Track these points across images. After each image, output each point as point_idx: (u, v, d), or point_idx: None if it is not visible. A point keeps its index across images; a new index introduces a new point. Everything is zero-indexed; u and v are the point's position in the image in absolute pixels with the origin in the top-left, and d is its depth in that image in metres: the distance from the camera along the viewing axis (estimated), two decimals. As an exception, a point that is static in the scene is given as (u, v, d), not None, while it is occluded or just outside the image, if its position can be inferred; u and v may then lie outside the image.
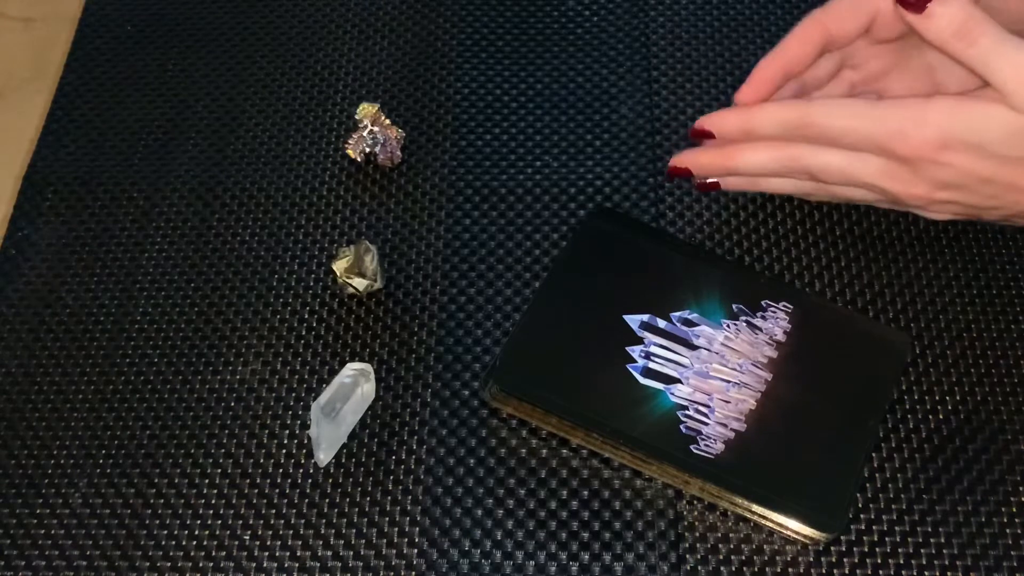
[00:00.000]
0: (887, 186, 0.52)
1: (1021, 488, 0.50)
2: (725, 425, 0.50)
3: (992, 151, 0.49)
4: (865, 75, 0.58)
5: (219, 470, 0.51)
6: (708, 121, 0.55)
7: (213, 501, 0.50)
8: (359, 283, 0.55)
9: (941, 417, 0.52)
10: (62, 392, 0.54)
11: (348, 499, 0.50)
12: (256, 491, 0.51)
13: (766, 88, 0.55)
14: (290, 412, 0.53)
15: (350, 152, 0.61)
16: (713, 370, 0.52)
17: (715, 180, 0.57)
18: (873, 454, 0.51)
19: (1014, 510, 0.50)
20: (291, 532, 0.50)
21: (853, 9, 0.55)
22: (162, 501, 0.51)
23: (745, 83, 0.56)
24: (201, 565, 0.49)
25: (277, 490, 0.51)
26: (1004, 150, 0.49)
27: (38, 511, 0.50)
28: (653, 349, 0.52)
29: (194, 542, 0.49)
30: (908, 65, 0.57)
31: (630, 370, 0.51)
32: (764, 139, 0.54)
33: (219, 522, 0.50)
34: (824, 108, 0.51)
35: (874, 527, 0.50)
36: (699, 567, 0.49)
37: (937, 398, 0.53)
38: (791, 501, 0.49)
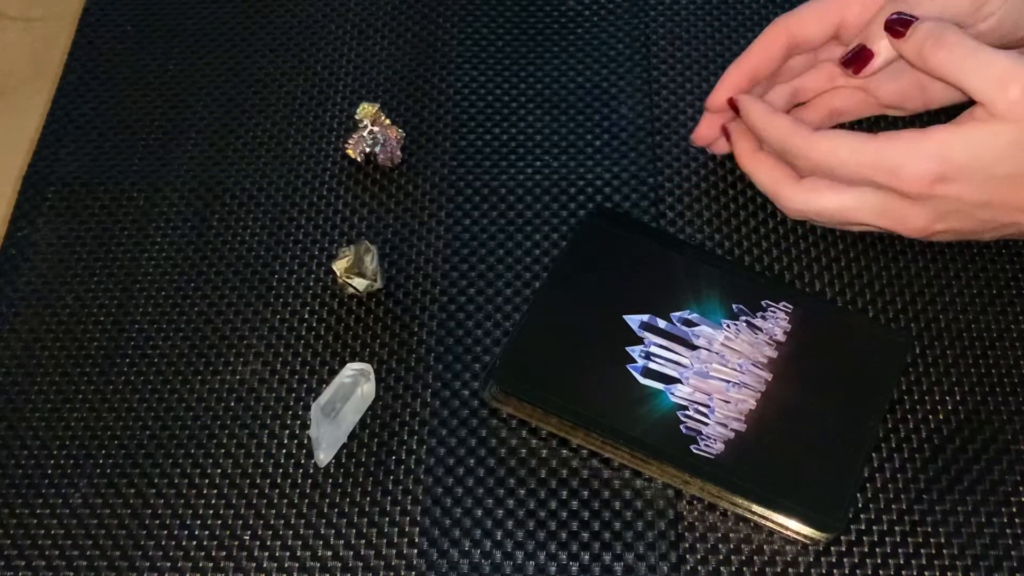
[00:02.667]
0: (885, 224, 0.53)
1: (1021, 488, 0.50)
2: (725, 425, 0.50)
3: (987, 173, 0.49)
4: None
5: (219, 470, 0.51)
6: (741, 99, 0.56)
7: (213, 501, 0.50)
8: (359, 283, 0.55)
9: (941, 417, 0.52)
10: (62, 392, 0.54)
11: (348, 499, 0.50)
12: (256, 491, 0.51)
13: (733, 93, 0.57)
14: (290, 412, 0.53)
15: (350, 152, 0.61)
16: (713, 370, 0.52)
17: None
18: (873, 454, 0.51)
19: (1014, 510, 0.50)
20: (291, 532, 0.50)
21: (818, 17, 0.57)
22: (162, 501, 0.51)
23: (714, 89, 0.58)
24: (201, 565, 0.49)
25: (277, 490, 0.51)
26: (998, 168, 0.49)
27: (38, 511, 0.50)
28: (653, 349, 0.52)
29: (194, 542, 0.49)
30: None
31: (630, 370, 0.51)
32: (770, 146, 0.55)
33: (219, 522, 0.50)
34: (825, 143, 0.52)
35: (874, 527, 0.50)
36: (699, 567, 0.49)
37: (937, 398, 0.53)
38: (791, 501, 0.49)
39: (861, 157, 0.51)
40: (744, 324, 0.53)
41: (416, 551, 0.49)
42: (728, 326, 0.53)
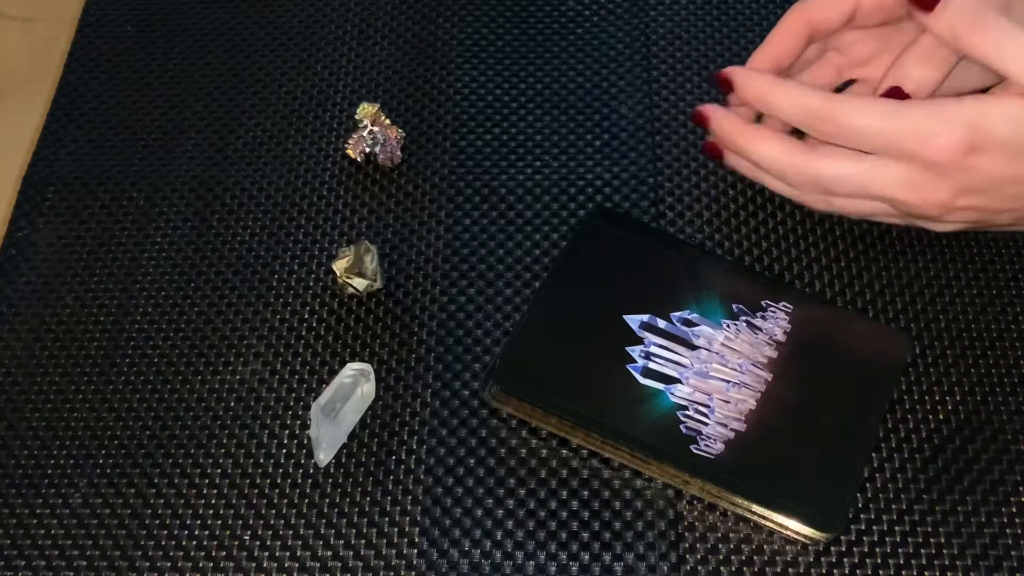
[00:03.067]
0: (907, 197, 0.50)
1: (1021, 488, 0.50)
2: (725, 425, 0.50)
3: (1021, 148, 0.48)
4: (851, 59, 0.57)
5: (219, 470, 0.51)
6: (735, 72, 0.54)
7: (213, 501, 0.50)
8: (359, 283, 0.55)
9: (941, 417, 0.52)
10: (62, 392, 0.54)
11: (348, 499, 0.50)
12: (256, 491, 0.51)
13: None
14: (290, 412, 0.53)
15: (350, 152, 0.61)
16: (713, 370, 0.52)
17: (721, 151, 0.57)
18: (873, 454, 0.51)
19: (1014, 510, 0.50)
20: (291, 532, 0.50)
21: (834, 2, 0.55)
22: (162, 501, 0.51)
23: (737, 80, 0.55)
24: (201, 565, 0.49)
25: (277, 490, 0.51)
26: None
27: (38, 511, 0.50)
28: (653, 349, 0.52)
29: (194, 542, 0.49)
30: (894, 50, 0.55)
31: (630, 370, 0.51)
32: (780, 116, 0.52)
33: (219, 522, 0.50)
34: (850, 104, 0.50)
35: (874, 527, 0.50)
36: (699, 567, 0.49)
37: (937, 398, 0.53)
38: (791, 501, 0.49)
39: (891, 122, 0.48)
40: (744, 324, 0.53)
41: (416, 551, 0.49)
42: (728, 326, 0.53)
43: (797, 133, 0.54)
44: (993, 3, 0.49)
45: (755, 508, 0.49)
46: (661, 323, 0.53)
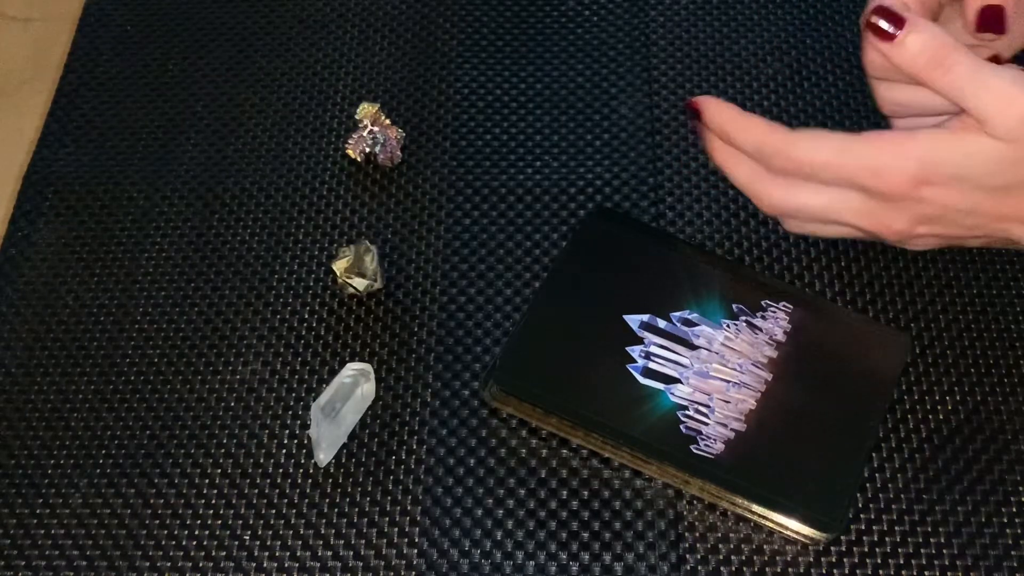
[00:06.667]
0: (866, 225, 0.51)
1: (1021, 488, 0.50)
2: (725, 425, 0.50)
3: (974, 183, 0.48)
4: None
5: (219, 470, 0.51)
6: (704, 103, 0.53)
7: (213, 501, 0.50)
8: (359, 283, 0.55)
9: (941, 417, 0.52)
10: (62, 392, 0.54)
11: (348, 499, 0.50)
12: (256, 491, 0.51)
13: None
14: (290, 412, 0.53)
15: (350, 152, 0.61)
16: (713, 370, 0.52)
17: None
18: (873, 454, 0.51)
19: (1014, 510, 0.50)
20: (291, 532, 0.50)
21: None
22: (162, 501, 0.51)
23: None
24: (201, 565, 0.49)
25: (277, 490, 0.51)
26: (987, 180, 0.48)
27: (38, 511, 0.50)
28: (653, 349, 0.52)
29: (194, 542, 0.49)
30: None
31: (630, 370, 0.51)
32: (740, 150, 0.52)
33: (219, 522, 0.50)
34: (804, 141, 0.50)
35: (874, 527, 0.50)
36: (699, 567, 0.49)
37: (937, 398, 0.53)
38: (791, 501, 0.49)
39: (844, 158, 0.49)
40: (744, 324, 0.53)
41: (416, 551, 0.49)
42: (728, 326, 0.53)
43: None
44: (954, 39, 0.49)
45: (755, 508, 0.49)
46: (661, 323, 0.53)
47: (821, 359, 0.53)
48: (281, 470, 0.51)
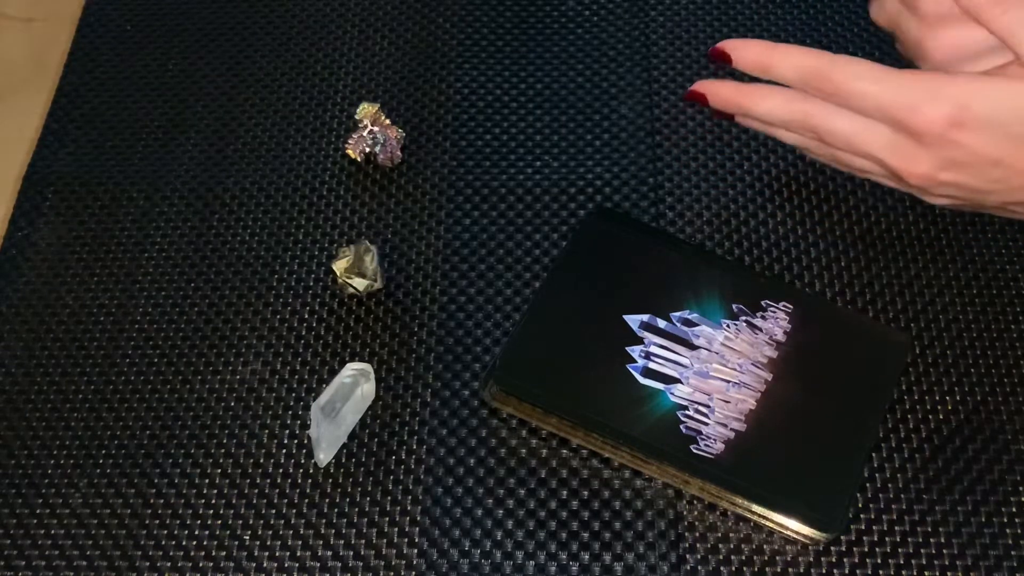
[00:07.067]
0: (891, 161, 0.51)
1: (1021, 488, 0.50)
2: (725, 425, 0.50)
3: (1008, 132, 0.48)
4: None
5: (219, 470, 0.51)
6: (731, 45, 0.54)
7: (213, 501, 0.50)
8: (359, 283, 0.55)
9: (941, 417, 0.52)
10: (62, 392, 0.54)
11: (348, 499, 0.50)
12: (256, 491, 0.51)
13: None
14: (290, 412, 0.53)
15: (350, 152, 0.61)
16: (713, 370, 0.52)
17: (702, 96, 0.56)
18: (873, 454, 0.51)
19: (1014, 510, 0.50)
20: (291, 532, 0.50)
21: None
22: (162, 501, 0.51)
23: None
24: (201, 565, 0.49)
25: (277, 490, 0.51)
26: (1021, 128, 0.48)
27: (38, 511, 0.50)
28: (653, 349, 0.52)
29: (194, 542, 0.49)
30: None
31: (630, 370, 0.51)
32: (779, 79, 0.53)
33: (219, 522, 0.50)
34: (847, 67, 0.50)
35: (874, 527, 0.50)
36: (699, 567, 0.49)
37: (937, 398, 0.53)
38: (791, 501, 0.49)
39: (882, 88, 0.49)
40: (744, 324, 0.53)
41: (416, 551, 0.49)
42: (728, 326, 0.53)
43: None
44: None
45: (755, 508, 0.49)
46: (661, 323, 0.53)
47: (821, 359, 0.53)
48: (281, 470, 0.51)
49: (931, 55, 0.52)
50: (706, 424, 0.50)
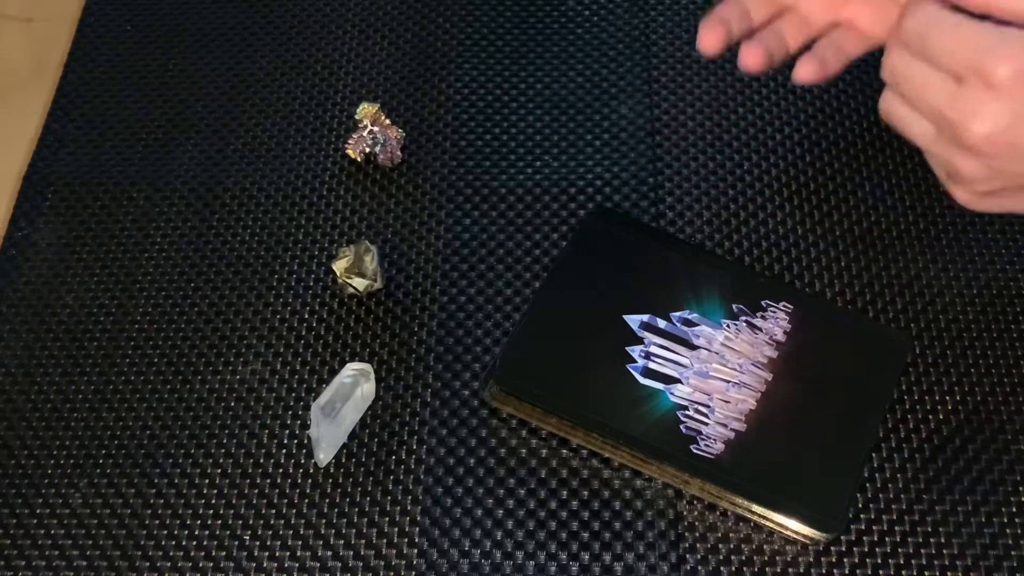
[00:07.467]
0: (953, 115, 0.48)
1: (1021, 488, 0.50)
2: (725, 425, 0.50)
3: None
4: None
5: (219, 470, 0.51)
6: None
7: (213, 501, 0.50)
8: (359, 283, 0.55)
9: (941, 417, 0.52)
10: (62, 392, 0.54)
11: (348, 499, 0.50)
12: (256, 491, 0.51)
13: (721, 30, 0.54)
14: (290, 412, 0.53)
15: (350, 152, 0.61)
16: (713, 370, 0.52)
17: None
18: (873, 454, 0.51)
19: (1014, 510, 0.50)
20: (291, 532, 0.50)
21: None
22: (162, 501, 0.51)
23: (701, 28, 0.54)
24: (201, 565, 0.49)
25: (277, 490, 0.51)
26: None
27: (38, 511, 0.50)
28: (653, 349, 0.52)
29: (194, 542, 0.49)
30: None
31: (630, 370, 0.51)
32: None
33: (219, 522, 0.50)
34: (929, 5, 0.49)
35: (874, 527, 0.50)
36: (699, 567, 0.49)
37: (937, 398, 0.53)
38: (791, 501, 0.49)
39: (958, 31, 0.48)
40: (744, 324, 0.53)
41: (416, 551, 0.49)
42: (728, 326, 0.53)
43: None
44: None
45: (755, 508, 0.49)
46: (661, 323, 0.53)
47: (821, 359, 0.53)
48: (281, 470, 0.51)
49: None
50: (706, 424, 0.50)
